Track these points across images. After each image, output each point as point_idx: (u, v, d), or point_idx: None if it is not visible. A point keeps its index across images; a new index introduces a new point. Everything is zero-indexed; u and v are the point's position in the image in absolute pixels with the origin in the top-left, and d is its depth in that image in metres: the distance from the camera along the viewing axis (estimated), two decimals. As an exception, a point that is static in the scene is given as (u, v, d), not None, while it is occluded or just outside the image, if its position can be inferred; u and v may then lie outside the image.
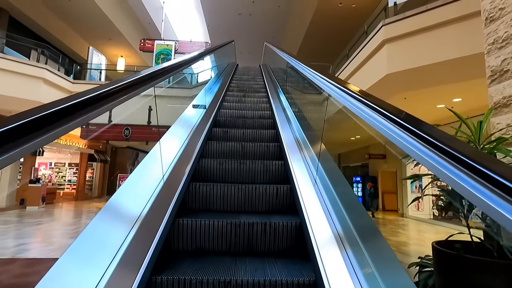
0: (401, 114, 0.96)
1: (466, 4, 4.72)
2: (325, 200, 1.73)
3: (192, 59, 2.88)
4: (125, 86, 1.13)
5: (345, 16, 10.76)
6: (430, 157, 0.74)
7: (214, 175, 2.42)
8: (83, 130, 9.66)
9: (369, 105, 1.15)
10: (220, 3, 11.56)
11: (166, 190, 1.73)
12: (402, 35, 5.35)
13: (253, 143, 2.85)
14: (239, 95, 5.76)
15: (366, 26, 6.99)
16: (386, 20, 5.53)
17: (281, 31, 13.66)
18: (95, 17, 11.33)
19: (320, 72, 2.05)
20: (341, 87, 1.49)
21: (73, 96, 0.86)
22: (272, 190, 2.08)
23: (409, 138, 0.85)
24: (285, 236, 1.66)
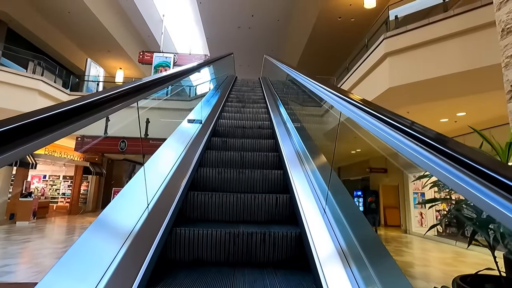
0: (429, 133, 0.82)
1: (469, 18, 4.64)
2: (326, 211, 1.69)
3: (185, 72, 2.71)
4: (96, 102, 0.94)
5: (344, 30, 10.79)
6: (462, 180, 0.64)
7: (212, 184, 2.39)
8: (78, 142, 9.45)
9: (388, 122, 1.01)
10: (220, 16, 11.61)
11: (163, 199, 1.71)
12: (404, 48, 5.25)
13: (252, 153, 2.83)
14: (238, 106, 5.73)
15: (366, 40, 6.93)
16: (388, 33, 5.45)
17: (280, 44, 13.71)
18: (95, 29, 11.32)
19: (327, 85, 1.89)
20: (356, 103, 1.31)
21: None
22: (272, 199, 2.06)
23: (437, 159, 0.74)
24: (285, 246, 1.64)
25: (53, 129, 0.75)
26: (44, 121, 0.71)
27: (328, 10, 9.79)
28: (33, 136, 0.67)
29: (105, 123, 8.77)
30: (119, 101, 1.08)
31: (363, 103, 1.25)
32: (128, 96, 1.19)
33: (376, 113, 1.09)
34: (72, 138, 9.95)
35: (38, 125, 0.69)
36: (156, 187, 1.75)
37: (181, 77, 2.58)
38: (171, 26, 13.54)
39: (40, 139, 0.69)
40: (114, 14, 11.28)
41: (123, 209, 1.43)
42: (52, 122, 0.74)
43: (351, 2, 9.37)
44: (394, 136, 1.00)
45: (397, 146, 0.95)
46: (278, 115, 4.79)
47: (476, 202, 0.59)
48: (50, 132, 0.73)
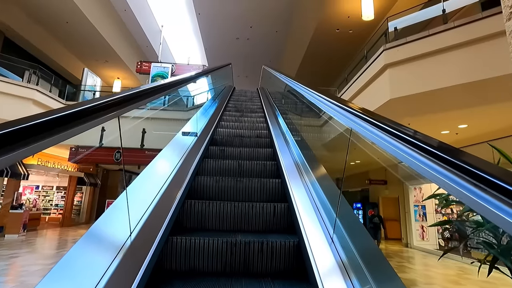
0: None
1: (470, 30, 4.60)
2: (324, 221, 1.66)
3: (176, 83, 2.53)
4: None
5: (342, 41, 10.83)
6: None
7: (210, 193, 2.37)
8: (72, 153, 9.25)
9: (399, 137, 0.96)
10: (218, 27, 11.65)
11: (160, 207, 1.68)
12: (405, 59, 5.19)
13: (250, 161, 2.81)
14: (236, 115, 5.68)
15: (365, 51, 6.89)
16: (387, 45, 5.41)
17: (278, 55, 13.75)
18: (93, 39, 11.29)
19: (334, 99, 1.76)
20: (365, 117, 1.18)
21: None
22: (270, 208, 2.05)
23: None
24: (283, 256, 1.61)
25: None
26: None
27: (326, 21, 9.83)
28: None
29: (101, 133, 8.61)
30: (94, 116, 0.93)
31: (377, 119, 1.11)
32: (109, 109, 1.04)
33: (398, 132, 0.95)
34: (67, 148, 9.76)
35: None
36: (152, 196, 1.71)
37: (171, 89, 2.36)
38: (170, 37, 13.57)
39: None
40: (112, 24, 11.28)
41: (116, 220, 1.37)
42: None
43: (349, 14, 9.42)
44: (416, 157, 0.86)
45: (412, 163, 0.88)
46: (276, 125, 4.69)
47: (493, 219, 0.56)
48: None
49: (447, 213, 9.77)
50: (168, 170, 2.12)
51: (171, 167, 2.19)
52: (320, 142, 8.01)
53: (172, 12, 12.02)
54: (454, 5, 5.74)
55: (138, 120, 8.51)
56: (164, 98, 8.34)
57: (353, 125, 1.34)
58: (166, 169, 2.13)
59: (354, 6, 8.99)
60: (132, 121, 6.12)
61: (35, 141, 0.66)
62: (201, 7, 10.48)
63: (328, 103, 1.81)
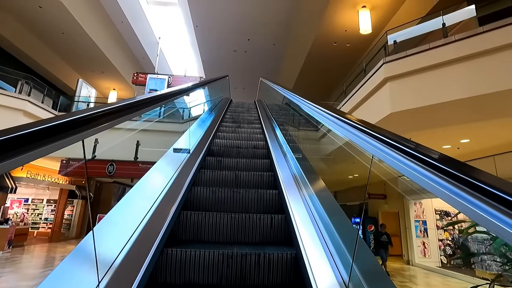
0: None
1: (472, 43, 4.53)
2: (322, 232, 1.65)
3: (169, 95, 2.35)
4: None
5: (340, 54, 10.84)
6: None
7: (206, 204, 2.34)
8: (62, 165, 8.95)
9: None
10: (216, 40, 11.63)
11: (155, 219, 1.64)
12: (405, 73, 5.10)
13: (247, 172, 2.79)
14: (233, 126, 5.58)
15: (364, 64, 6.82)
16: (387, 58, 5.32)
17: (276, 67, 13.75)
18: (89, 50, 11.19)
19: (333, 110, 1.62)
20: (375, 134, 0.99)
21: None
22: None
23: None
24: (280, 268, 1.59)
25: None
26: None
27: (323, 35, 9.85)
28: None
29: (94, 145, 8.38)
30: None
31: (386, 135, 0.93)
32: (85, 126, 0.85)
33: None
34: (58, 159, 9.46)
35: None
36: (148, 206, 1.68)
37: (162, 102, 2.17)
38: (167, 48, 13.53)
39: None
40: (109, 35, 11.21)
41: (109, 233, 1.34)
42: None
43: (347, 27, 9.44)
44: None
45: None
46: (274, 137, 4.56)
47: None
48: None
49: (448, 229, 9.54)
50: (164, 181, 2.09)
51: (166, 178, 2.15)
52: (319, 155, 7.83)
53: (169, 24, 12.02)
54: (452, 19, 5.72)
55: (132, 132, 8.23)
56: (160, 109, 8.14)
57: (360, 142, 1.22)
58: (161, 180, 2.11)
59: (351, 20, 9.02)
60: (126, 133, 5.67)
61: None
62: (199, 19, 10.47)
63: (331, 117, 1.67)
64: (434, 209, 9.49)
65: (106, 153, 8.92)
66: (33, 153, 0.68)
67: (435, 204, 9.42)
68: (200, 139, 3.65)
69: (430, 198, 8.84)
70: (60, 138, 0.78)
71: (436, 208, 9.49)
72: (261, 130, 5.26)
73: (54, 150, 0.78)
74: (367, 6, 8.44)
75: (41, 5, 8.93)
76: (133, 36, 11.67)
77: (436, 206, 9.46)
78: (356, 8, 8.54)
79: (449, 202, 0.69)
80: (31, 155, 0.67)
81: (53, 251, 10.02)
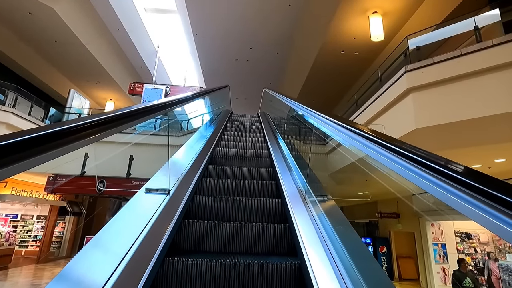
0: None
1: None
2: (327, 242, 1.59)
3: (155, 108, 1.86)
4: None
5: (347, 63, 10.25)
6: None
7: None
8: (49, 182, 8.26)
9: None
10: (216, 48, 11.10)
11: (156, 228, 1.60)
12: (432, 83, 4.43)
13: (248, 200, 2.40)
14: (233, 139, 4.92)
15: (379, 73, 6.17)
16: (410, 66, 4.66)
17: (279, 77, 13.17)
18: (84, 59, 10.67)
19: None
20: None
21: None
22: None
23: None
24: (284, 279, 1.55)
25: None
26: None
27: (330, 43, 9.27)
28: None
29: (83, 159, 7.76)
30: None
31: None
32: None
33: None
34: (45, 175, 8.78)
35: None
36: (150, 214, 1.65)
37: (147, 116, 1.74)
38: (166, 57, 13.03)
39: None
40: (104, 44, 10.70)
41: (111, 239, 1.35)
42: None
43: (356, 35, 8.86)
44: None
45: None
46: (282, 158, 3.81)
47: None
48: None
49: (470, 253, 8.70)
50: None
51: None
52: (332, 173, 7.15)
53: (168, 32, 11.53)
54: (471, 25, 5.09)
55: (125, 145, 7.50)
56: (155, 121, 7.48)
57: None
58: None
59: (361, 27, 8.44)
60: (118, 146, 4.86)
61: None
62: (199, 27, 9.95)
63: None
64: (454, 230, 8.67)
65: (96, 168, 8.26)
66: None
67: (455, 225, 8.60)
68: (193, 161, 2.94)
69: (452, 220, 8.05)
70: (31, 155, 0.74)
71: (456, 230, 8.67)
72: (265, 144, 4.58)
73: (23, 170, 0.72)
74: (379, 12, 7.87)
75: (32, 11, 8.43)
76: (130, 44, 11.15)
77: (456, 228, 8.64)
78: (367, 14, 7.96)
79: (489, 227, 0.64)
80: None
81: (39, 275, 9.23)
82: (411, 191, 1.04)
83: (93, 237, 1.40)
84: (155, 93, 9.95)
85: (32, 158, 0.76)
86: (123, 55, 11.87)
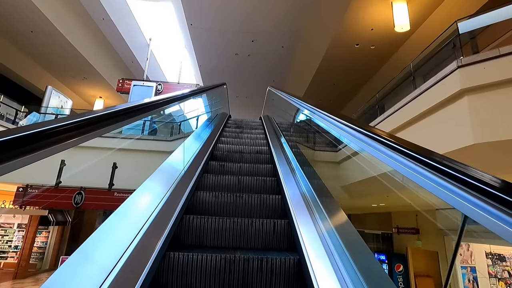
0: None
1: None
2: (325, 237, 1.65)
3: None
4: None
5: (362, 59, 9.10)
6: None
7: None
8: (18, 194, 7.16)
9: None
10: (214, 42, 9.94)
11: (158, 222, 1.66)
12: (497, 83, 3.29)
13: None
14: (231, 150, 3.70)
15: (412, 68, 5.01)
16: (464, 59, 3.51)
17: (284, 74, 12.00)
18: (65, 52, 9.53)
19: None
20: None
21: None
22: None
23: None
24: (283, 274, 1.57)
25: None
26: None
27: (344, 35, 8.11)
28: None
29: (59, 167, 6.64)
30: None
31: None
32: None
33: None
34: (15, 185, 7.68)
35: None
36: (150, 210, 1.71)
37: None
38: (159, 52, 11.86)
39: None
40: (88, 35, 9.55)
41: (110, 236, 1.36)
42: None
43: (374, 25, 7.69)
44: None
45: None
46: (294, 182, 2.77)
47: None
48: None
49: (504, 277, 7.59)
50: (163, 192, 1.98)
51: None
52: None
53: (161, 23, 10.34)
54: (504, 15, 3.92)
55: (107, 152, 6.28)
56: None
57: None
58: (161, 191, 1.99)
59: (380, 16, 7.28)
60: (100, 153, 3.57)
61: None
62: (194, 17, 8.79)
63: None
64: (485, 251, 7.56)
65: (74, 178, 7.15)
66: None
67: (486, 246, 7.48)
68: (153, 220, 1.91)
69: (489, 244, 6.94)
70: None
71: (488, 251, 7.55)
72: (272, 170, 3.44)
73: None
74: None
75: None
76: (118, 36, 10.00)
77: (487, 249, 7.53)
78: (389, 0, 6.79)
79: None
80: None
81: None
82: (435, 205, 0.95)
83: (78, 248, 1.23)
84: (144, 91, 8.82)
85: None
86: (111, 49, 10.72)
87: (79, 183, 7.22)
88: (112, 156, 7.16)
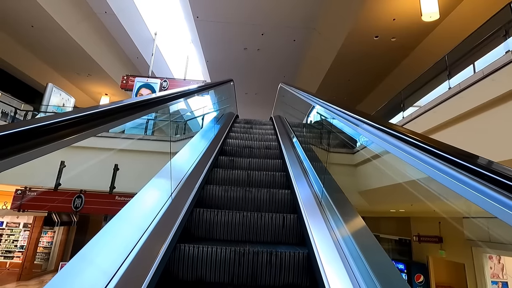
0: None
1: None
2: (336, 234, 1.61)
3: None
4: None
5: (381, 52, 8.40)
6: None
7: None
8: (17, 197, 6.85)
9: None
10: (222, 35, 9.40)
11: (169, 214, 1.69)
12: None
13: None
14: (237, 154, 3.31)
15: (447, 61, 4.34)
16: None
17: (295, 69, 11.37)
18: (67, 48, 9.18)
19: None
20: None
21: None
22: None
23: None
24: (292, 268, 1.56)
25: None
26: None
27: (362, 26, 7.43)
28: None
29: (59, 169, 6.30)
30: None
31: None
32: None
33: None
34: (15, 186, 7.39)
35: None
36: (161, 203, 1.74)
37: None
38: (165, 47, 11.42)
39: None
40: (91, 29, 9.16)
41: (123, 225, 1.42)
42: None
43: (396, 15, 6.99)
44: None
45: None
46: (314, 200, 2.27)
47: None
48: None
49: (540, 294, 6.82)
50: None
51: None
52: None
53: (166, 17, 9.87)
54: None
55: (108, 152, 5.93)
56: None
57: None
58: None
59: (404, 4, 6.58)
60: (99, 153, 3.35)
61: None
62: (200, 8, 8.26)
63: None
64: (519, 265, 6.82)
65: (74, 181, 6.80)
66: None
67: (520, 259, 6.75)
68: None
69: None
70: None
71: (522, 264, 6.82)
72: (286, 184, 2.89)
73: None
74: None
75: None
76: (122, 31, 9.58)
77: None
78: (415, -14, 6.08)
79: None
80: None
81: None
82: (463, 213, 0.88)
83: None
84: (148, 88, 8.37)
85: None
86: (115, 44, 10.32)
87: (78, 185, 6.85)
88: (114, 157, 6.77)
